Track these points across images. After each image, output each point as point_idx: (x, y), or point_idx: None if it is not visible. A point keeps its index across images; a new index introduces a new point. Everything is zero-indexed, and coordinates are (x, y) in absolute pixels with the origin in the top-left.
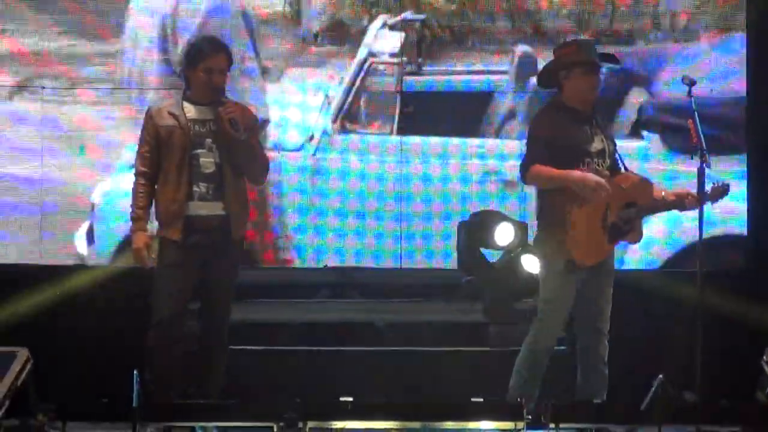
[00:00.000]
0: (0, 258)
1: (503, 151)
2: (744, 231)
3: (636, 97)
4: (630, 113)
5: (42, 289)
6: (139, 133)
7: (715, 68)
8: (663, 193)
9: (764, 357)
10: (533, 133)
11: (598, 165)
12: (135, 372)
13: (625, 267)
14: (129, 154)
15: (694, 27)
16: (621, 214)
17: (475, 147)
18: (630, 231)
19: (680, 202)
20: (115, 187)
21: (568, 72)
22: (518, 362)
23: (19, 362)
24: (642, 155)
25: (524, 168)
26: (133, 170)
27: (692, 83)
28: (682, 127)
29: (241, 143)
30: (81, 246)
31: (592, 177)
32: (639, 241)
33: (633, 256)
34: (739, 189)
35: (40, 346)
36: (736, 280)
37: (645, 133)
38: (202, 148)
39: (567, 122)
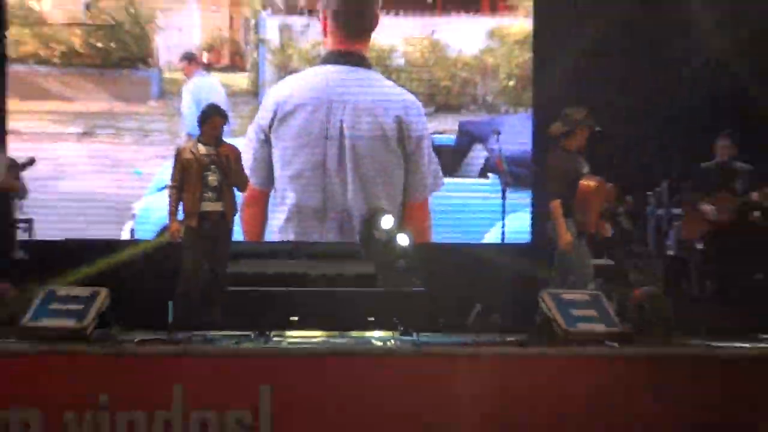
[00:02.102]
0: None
1: None
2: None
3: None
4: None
5: (111, 255)
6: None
7: (511, 130)
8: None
9: (540, 295)
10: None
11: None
12: (170, 303)
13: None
14: (155, 182)
15: (497, 103)
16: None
17: None
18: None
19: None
20: (148, 203)
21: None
22: None
23: (101, 297)
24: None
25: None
26: (168, 185)
27: (498, 133)
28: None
29: (231, 168)
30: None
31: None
32: None
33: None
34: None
35: (113, 287)
36: (526, 251)
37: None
38: (209, 171)
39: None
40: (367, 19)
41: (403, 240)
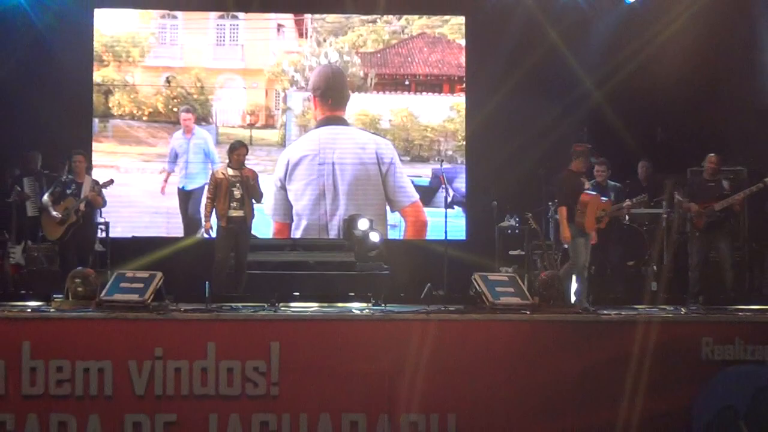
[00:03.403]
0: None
1: None
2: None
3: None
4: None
5: (168, 246)
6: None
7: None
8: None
9: (473, 276)
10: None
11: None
12: (207, 282)
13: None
14: None
15: (455, 156)
16: (598, 213)
17: None
18: (605, 221)
19: (619, 209)
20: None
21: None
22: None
23: (157, 278)
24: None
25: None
26: (205, 197)
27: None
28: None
29: (251, 186)
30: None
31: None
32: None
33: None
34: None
35: (166, 270)
36: (463, 245)
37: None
38: (235, 187)
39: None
40: (343, 95)
41: (374, 237)
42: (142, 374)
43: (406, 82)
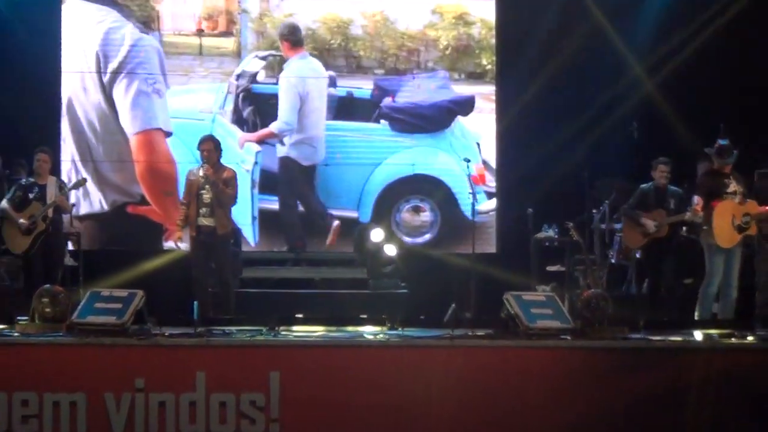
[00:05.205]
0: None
1: None
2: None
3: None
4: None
5: (149, 259)
6: None
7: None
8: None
9: (504, 296)
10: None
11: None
12: (195, 302)
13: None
14: None
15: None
16: (743, 219)
17: None
18: (749, 228)
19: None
20: None
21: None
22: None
23: (138, 297)
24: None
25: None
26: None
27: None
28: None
29: (213, 185)
30: None
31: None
32: (754, 233)
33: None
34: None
35: (147, 288)
36: (493, 259)
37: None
38: (204, 190)
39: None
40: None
41: (390, 250)
42: (120, 409)
43: None
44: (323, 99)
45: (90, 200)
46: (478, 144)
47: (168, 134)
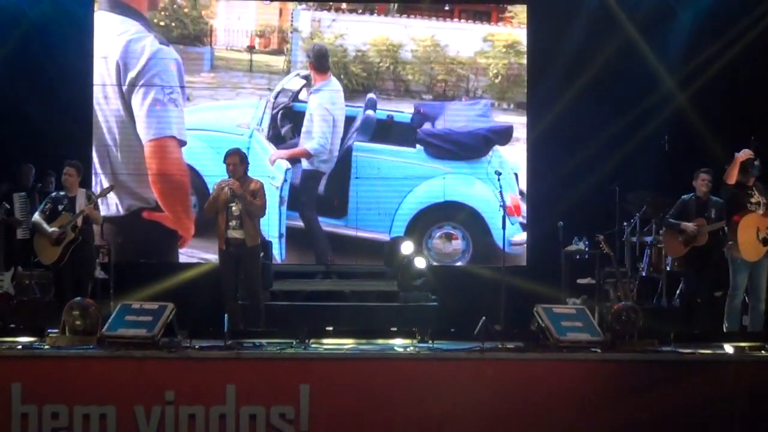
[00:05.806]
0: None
1: None
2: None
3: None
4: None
5: (180, 272)
6: None
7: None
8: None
9: (535, 309)
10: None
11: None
12: (225, 315)
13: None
14: None
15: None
16: (767, 231)
17: None
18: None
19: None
20: None
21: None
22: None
23: (168, 310)
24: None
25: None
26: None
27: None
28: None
29: (240, 197)
30: None
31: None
32: None
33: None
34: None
35: (178, 301)
36: (523, 272)
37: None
38: (234, 202)
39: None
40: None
41: (420, 263)
42: (150, 421)
43: (447, 8)
44: (342, 122)
45: (107, 204)
46: (516, 175)
47: (182, 143)
